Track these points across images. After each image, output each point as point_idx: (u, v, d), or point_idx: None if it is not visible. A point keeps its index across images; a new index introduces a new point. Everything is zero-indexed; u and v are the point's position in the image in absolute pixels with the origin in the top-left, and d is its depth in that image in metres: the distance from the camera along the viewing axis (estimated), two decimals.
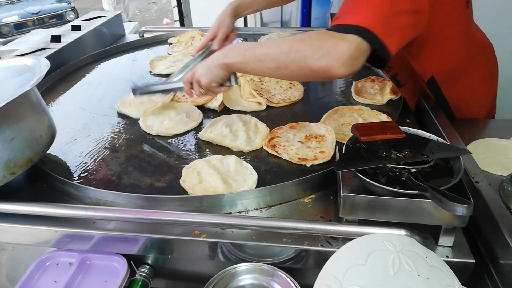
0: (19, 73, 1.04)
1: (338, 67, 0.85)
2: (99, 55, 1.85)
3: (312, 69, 0.88)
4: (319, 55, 0.85)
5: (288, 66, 0.91)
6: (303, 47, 0.88)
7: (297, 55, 0.88)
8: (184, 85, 1.13)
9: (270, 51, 0.93)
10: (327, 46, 0.85)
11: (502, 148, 1.11)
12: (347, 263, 0.66)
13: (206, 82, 1.05)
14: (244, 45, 1.01)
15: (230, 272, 0.82)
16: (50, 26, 8.28)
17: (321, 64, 0.86)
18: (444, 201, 0.67)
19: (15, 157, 0.93)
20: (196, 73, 1.07)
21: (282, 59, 0.91)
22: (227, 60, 1.01)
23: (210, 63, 1.04)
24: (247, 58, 0.97)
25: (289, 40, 0.91)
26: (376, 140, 0.85)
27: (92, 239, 0.90)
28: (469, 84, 1.22)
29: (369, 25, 0.85)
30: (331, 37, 0.86)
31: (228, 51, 1.02)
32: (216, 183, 0.96)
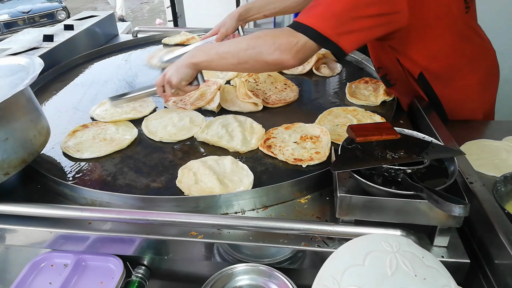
0: (12, 72, 1.03)
1: (288, 60, 0.98)
2: (92, 55, 1.84)
3: (267, 62, 1.01)
4: (272, 50, 0.98)
5: (247, 61, 1.03)
6: (259, 43, 1.01)
7: (254, 50, 1.01)
8: (157, 88, 1.21)
9: (231, 49, 1.05)
10: (279, 42, 0.98)
11: (495, 149, 1.13)
12: (344, 264, 0.66)
13: (176, 81, 1.14)
14: (209, 45, 1.14)
15: (227, 272, 0.82)
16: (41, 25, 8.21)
17: (274, 57, 0.99)
18: (441, 202, 0.68)
19: (8, 158, 0.92)
20: (167, 74, 1.16)
21: (241, 55, 1.03)
22: (194, 60, 1.11)
23: (179, 63, 1.14)
24: (211, 57, 1.09)
25: (247, 38, 1.04)
26: (372, 141, 0.86)
27: (87, 240, 0.89)
28: (464, 86, 1.23)
29: (319, 27, 0.96)
30: (283, 34, 0.99)
31: (195, 52, 1.12)
32: (213, 184, 0.96)
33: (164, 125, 1.23)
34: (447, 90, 1.23)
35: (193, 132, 1.20)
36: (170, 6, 3.03)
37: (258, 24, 4.21)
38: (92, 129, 1.22)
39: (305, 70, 1.60)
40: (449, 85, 1.22)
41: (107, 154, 1.11)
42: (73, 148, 1.12)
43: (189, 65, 1.12)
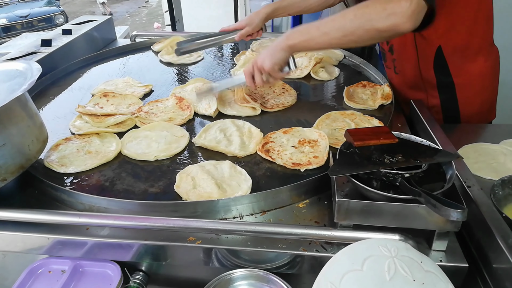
0: (10, 78, 1.02)
1: (403, 23, 0.93)
2: (90, 59, 1.84)
3: (379, 29, 0.96)
4: (385, 16, 0.93)
5: (354, 32, 0.99)
6: (367, 11, 0.96)
7: (363, 19, 0.96)
8: (246, 77, 1.20)
9: (335, 23, 1.01)
10: (390, 7, 0.93)
11: (492, 152, 1.13)
12: (343, 269, 0.66)
13: (269, 66, 1.13)
14: (304, 26, 1.09)
15: (226, 278, 0.82)
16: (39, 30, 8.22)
17: (388, 23, 0.94)
18: (439, 206, 0.68)
19: (6, 163, 0.91)
20: (258, 61, 1.15)
21: (348, 26, 0.99)
22: (291, 42, 1.09)
23: (272, 48, 1.12)
24: (311, 35, 1.05)
25: (351, 9, 0.99)
26: (370, 145, 0.86)
27: (85, 246, 0.89)
28: (477, 70, 1.26)
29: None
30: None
31: (290, 34, 1.09)
32: (211, 189, 0.96)
33: (146, 144, 1.16)
34: (462, 70, 1.26)
35: (182, 142, 1.16)
36: (168, 10, 3.04)
37: None
38: (76, 142, 1.18)
39: (303, 74, 1.60)
40: (464, 65, 1.25)
41: (93, 168, 1.07)
42: (57, 163, 1.08)
43: (284, 47, 1.10)
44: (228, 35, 1.59)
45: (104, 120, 1.25)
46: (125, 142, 1.18)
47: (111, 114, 1.27)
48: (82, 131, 1.22)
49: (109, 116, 1.26)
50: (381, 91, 1.38)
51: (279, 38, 1.12)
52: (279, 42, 1.11)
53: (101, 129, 1.22)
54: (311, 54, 1.69)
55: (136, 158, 1.11)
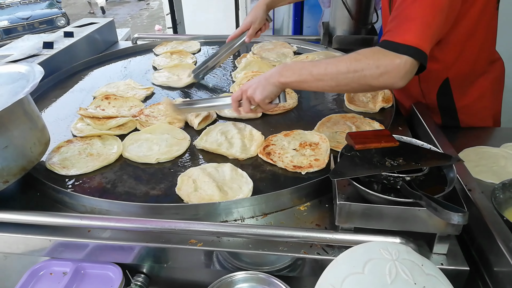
0: (12, 80, 1.03)
1: (397, 82, 0.95)
2: (92, 61, 1.84)
3: (372, 86, 0.99)
4: (378, 74, 0.94)
5: (348, 84, 1.00)
6: (361, 67, 0.96)
7: (356, 74, 0.97)
8: (233, 103, 1.17)
9: (327, 71, 1.00)
10: (384, 65, 0.94)
11: (493, 156, 1.13)
12: (344, 272, 0.66)
13: (260, 99, 1.10)
14: (298, 64, 1.08)
15: (227, 280, 0.82)
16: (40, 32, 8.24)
17: (381, 82, 0.96)
18: (440, 210, 0.68)
19: (8, 165, 0.92)
20: (248, 91, 1.11)
21: (341, 78, 0.99)
22: (283, 79, 1.07)
23: (264, 81, 1.09)
24: (303, 77, 1.04)
25: (344, 60, 0.99)
26: (371, 148, 0.86)
27: (86, 248, 0.89)
28: (479, 93, 1.27)
29: (419, 44, 0.92)
30: (386, 57, 0.94)
31: (283, 71, 1.07)
32: (212, 191, 0.96)
33: (147, 147, 1.16)
34: (464, 96, 1.26)
35: (184, 145, 1.17)
36: (169, 13, 3.05)
37: None
38: (77, 144, 1.18)
39: None
40: (467, 92, 1.26)
41: (95, 170, 1.08)
42: (59, 165, 1.08)
43: (276, 83, 1.07)
44: (237, 40, 1.57)
45: (105, 123, 1.25)
46: (126, 144, 1.18)
47: (113, 117, 1.28)
48: (84, 134, 1.22)
49: (110, 119, 1.27)
50: (382, 94, 1.39)
51: (272, 70, 1.09)
52: (272, 76, 1.08)
53: (103, 131, 1.22)
54: (312, 57, 1.70)
55: (138, 161, 1.11)
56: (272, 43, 1.93)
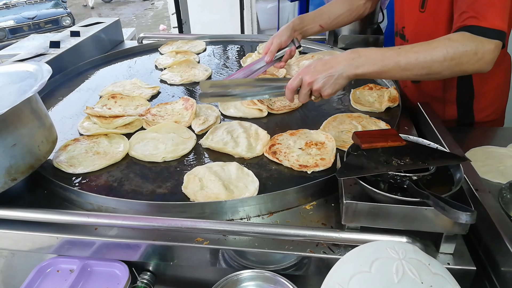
0: (21, 79, 1.04)
1: (488, 67, 0.98)
2: (98, 61, 1.85)
3: (466, 71, 1.00)
4: (475, 60, 0.96)
5: (440, 72, 0.99)
6: (458, 54, 0.96)
7: (453, 62, 0.97)
8: (289, 93, 1.09)
9: (420, 60, 0.98)
10: (481, 52, 0.95)
11: (500, 156, 1.13)
12: (351, 271, 0.66)
13: (330, 93, 1.05)
14: (375, 52, 1.02)
15: (233, 279, 0.82)
16: (46, 31, 8.27)
17: (475, 67, 0.98)
18: (448, 209, 0.68)
19: (16, 163, 0.92)
20: (314, 84, 1.03)
21: (435, 66, 0.98)
22: (361, 71, 1.01)
23: (336, 73, 1.01)
24: (387, 67, 1.00)
25: (439, 47, 0.97)
26: (377, 147, 0.86)
27: (93, 245, 0.90)
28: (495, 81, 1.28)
29: (504, 27, 0.97)
30: (482, 43, 0.96)
31: (359, 61, 1.01)
32: (218, 190, 0.96)
33: (153, 145, 1.16)
34: (484, 85, 1.27)
35: (189, 144, 1.17)
36: (175, 12, 3.05)
37: (262, 31, 4.24)
38: (84, 142, 1.19)
39: None
40: (486, 79, 1.26)
41: (101, 168, 1.08)
42: (66, 163, 1.09)
43: (350, 77, 1.02)
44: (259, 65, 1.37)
45: (112, 122, 1.26)
46: (132, 143, 1.18)
47: (119, 116, 1.28)
48: (91, 132, 1.23)
49: (117, 118, 1.27)
50: (388, 94, 1.38)
51: (341, 59, 1.02)
52: (345, 69, 1.01)
53: (109, 130, 1.23)
54: (317, 56, 1.70)
55: (144, 159, 1.12)
56: None
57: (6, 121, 0.89)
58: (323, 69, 1.03)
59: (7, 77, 1.06)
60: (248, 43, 2.04)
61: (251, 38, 2.12)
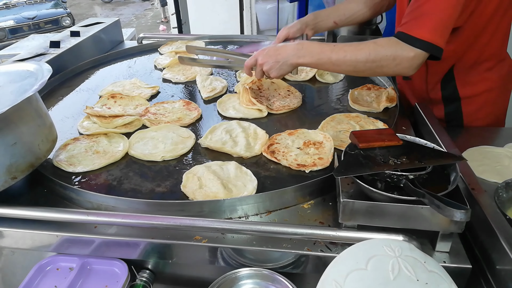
0: (21, 78, 1.04)
1: (408, 72, 1.06)
2: (98, 61, 1.86)
3: (386, 73, 1.12)
4: (394, 65, 1.05)
5: (364, 71, 1.11)
6: (379, 57, 1.05)
7: (374, 64, 1.06)
8: (246, 69, 1.27)
9: (347, 59, 1.09)
10: (399, 58, 1.03)
11: (497, 155, 1.13)
12: (347, 268, 0.67)
13: (276, 76, 1.21)
14: (315, 47, 1.15)
15: (231, 277, 0.83)
16: (46, 31, 8.28)
17: (395, 71, 1.07)
18: (442, 207, 0.69)
19: (16, 162, 0.93)
20: (264, 66, 1.19)
21: (359, 66, 1.08)
22: (301, 61, 1.15)
23: (282, 60, 1.17)
24: (322, 61, 1.13)
25: (364, 49, 1.07)
26: (374, 147, 0.87)
27: (92, 243, 0.90)
28: (484, 85, 1.29)
29: (434, 39, 1.00)
30: (403, 50, 1.03)
31: (301, 52, 1.15)
32: (217, 189, 0.97)
33: (153, 145, 1.17)
34: (469, 88, 1.29)
35: (189, 143, 1.17)
36: (175, 13, 3.06)
37: (261, 31, 4.25)
38: (84, 142, 1.20)
39: (308, 76, 1.61)
40: (472, 82, 1.28)
41: (101, 167, 1.09)
42: (66, 162, 1.09)
43: (293, 64, 1.17)
44: None
45: (112, 121, 1.27)
46: (132, 143, 1.19)
47: (119, 115, 1.29)
48: (90, 132, 1.23)
49: (117, 117, 1.28)
50: (386, 94, 1.39)
51: (289, 49, 1.16)
52: (289, 57, 1.15)
53: (109, 129, 1.24)
54: None
55: (143, 159, 1.13)
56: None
57: (6, 120, 0.90)
58: (273, 54, 1.18)
59: (7, 76, 1.07)
60: (248, 43, 2.05)
61: (250, 39, 2.13)
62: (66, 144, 1.18)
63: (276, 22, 3.96)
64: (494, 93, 1.31)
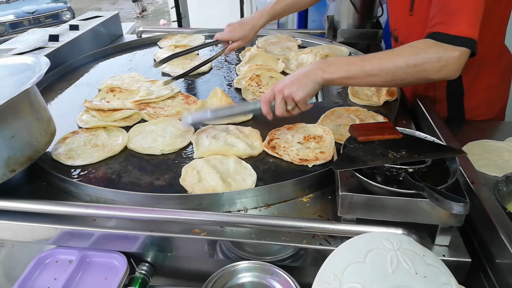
0: (19, 71, 1.04)
1: (455, 74, 0.95)
2: (97, 54, 1.85)
3: (430, 79, 0.98)
4: (438, 68, 0.94)
5: (405, 79, 0.98)
6: (421, 61, 0.94)
7: (416, 69, 0.95)
8: (264, 106, 1.07)
9: (383, 66, 0.97)
10: (445, 59, 0.93)
11: (497, 149, 1.13)
12: (346, 261, 0.67)
13: (302, 97, 1.02)
14: (342, 60, 1.04)
15: (230, 270, 0.83)
16: (46, 26, 8.26)
17: (440, 75, 0.95)
18: (441, 200, 0.69)
19: (15, 155, 0.93)
20: (285, 90, 1.02)
21: (398, 73, 0.97)
22: (328, 76, 1.01)
23: (304, 79, 1.01)
24: (353, 73, 0.99)
25: (401, 54, 0.96)
26: (374, 140, 0.87)
27: (92, 236, 0.90)
28: (487, 83, 1.27)
29: (472, 34, 0.93)
30: (445, 50, 0.93)
31: (326, 66, 1.01)
32: (216, 182, 0.97)
33: (152, 138, 1.17)
34: (474, 85, 1.27)
35: (187, 137, 1.16)
36: (174, 6, 3.05)
37: None
38: (83, 135, 1.19)
39: None
40: (477, 79, 1.26)
41: (100, 160, 1.09)
42: (64, 155, 1.09)
43: (318, 80, 1.01)
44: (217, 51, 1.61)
45: (111, 115, 1.26)
46: (131, 136, 1.19)
47: (118, 109, 1.29)
48: (89, 125, 1.23)
49: (116, 111, 1.28)
50: (386, 88, 1.38)
51: (310, 67, 1.02)
52: (313, 72, 1.01)
53: (108, 123, 1.23)
54: (316, 50, 1.70)
55: (142, 152, 1.12)
56: (277, 36, 1.93)
57: (4, 113, 0.90)
58: (292, 78, 1.04)
59: (5, 69, 1.06)
60: None
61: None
62: (65, 137, 1.18)
63: None
64: (495, 87, 1.31)
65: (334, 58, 1.06)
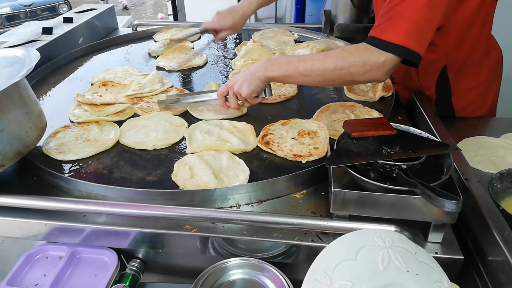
0: (8, 64, 1.02)
1: (379, 78, 1.00)
2: (91, 48, 1.83)
3: (357, 81, 1.05)
4: (363, 71, 0.98)
5: (334, 80, 1.04)
6: (347, 64, 0.99)
7: (343, 71, 1.00)
8: (219, 98, 1.18)
9: (314, 67, 1.02)
10: (369, 64, 0.97)
11: (492, 146, 1.12)
12: (336, 258, 0.66)
13: (247, 93, 1.11)
14: (284, 59, 1.10)
15: (221, 266, 0.82)
16: (42, 19, 8.19)
17: (365, 78, 1.00)
18: (434, 197, 0.68)
19: (3, 149, 0.92)
20: (234, 86, 1.12)
21: (328, 75, 1.02)
22: (269, 74, 1.08)
23: (250, 76, 1.10)
24: (290, 72, 1.06)
25: (331, 57, 1.01)
26: (368, 136, 0.86)
27: (82, 232, 0.89)
28: (475, 82, 1.27)
29: (406, 43, 0.94)
30: (372, 55, 0.97)
31: (269, 65, 1.08)
32: (208, 178, 0.96)
33: (144, 133, 1.15)
34: (461, 85, 1.26)
35: (181, 132, 1.15)
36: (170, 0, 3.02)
37: (259, 19, 4.19)
38: (74, 129, 1.18)
39: None
40: (463, 79, 1.26)
41: (91, 155, 1.07)
42: (55, 150, 1.08)
43: (261, 78, 1.09)
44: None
45: (103, 109, 1.25)
46: (123, 131, 1.17)
47: (110, 103, 1.27)
48: (81, 119, 1.22)
49: (108, 105, 1.26)
50: (382, 83, 1.37)
51: (257, 64, 1.11)
52: (258, 70, 1.09)
53: (100, 117, 1.22)
54: (312, 45, 1.68)
55: (134, 147, 1.11)
56: (273, 31, 1.91)
57: None
58: (242, 74, 1.13)
59: None
60: (245, 31, 2.02)
61: (247, 26, 2.09)
62: (56, 132, 1.16)
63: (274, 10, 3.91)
64: (483, 85, 1.29)
65: (279, 57, 1.12)
